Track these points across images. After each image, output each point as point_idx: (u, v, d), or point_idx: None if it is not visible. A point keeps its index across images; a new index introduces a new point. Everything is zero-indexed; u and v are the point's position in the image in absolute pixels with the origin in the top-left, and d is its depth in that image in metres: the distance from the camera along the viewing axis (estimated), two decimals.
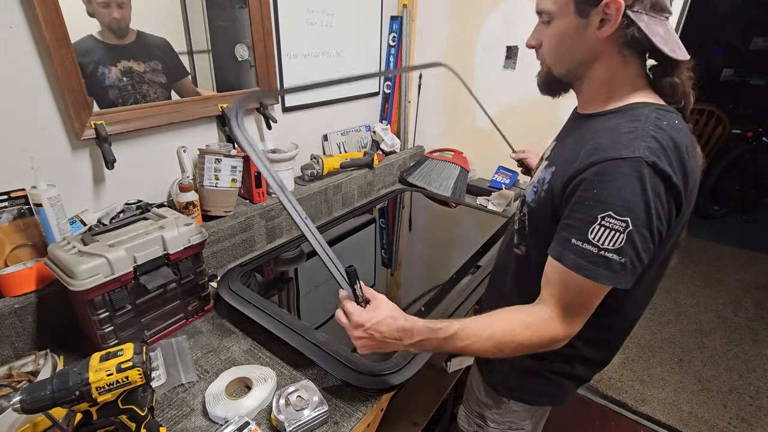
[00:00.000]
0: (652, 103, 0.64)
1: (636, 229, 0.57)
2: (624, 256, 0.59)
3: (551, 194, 0.67)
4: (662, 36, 0.61)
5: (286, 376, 0.87)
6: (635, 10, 0.60)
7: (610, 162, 0.58)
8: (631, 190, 0.57)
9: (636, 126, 0.60)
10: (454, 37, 1.82)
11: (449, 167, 1.84)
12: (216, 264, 1.20)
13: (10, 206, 0.89)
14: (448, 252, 1.51)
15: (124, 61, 1.01)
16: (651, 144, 0.58)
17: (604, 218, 0.58)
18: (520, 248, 0.80)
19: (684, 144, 0.60)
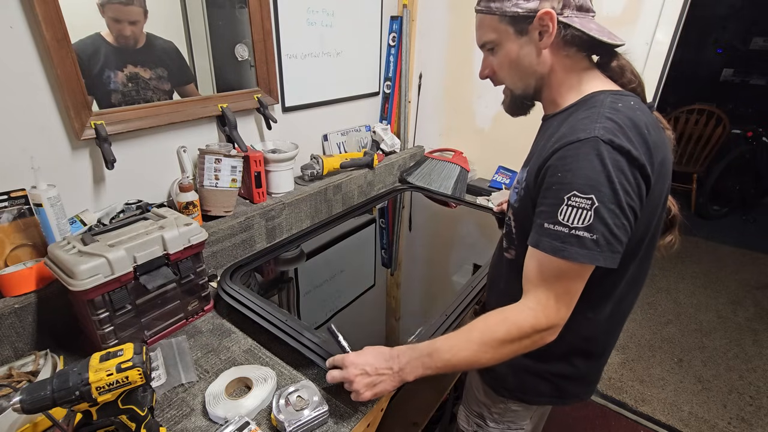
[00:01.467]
0: (607, 90, 0.68)
1: (603, 205, 0.59)
2: (595, 232, 0.59)
3: (528, 190, 0.70)
4: (597, 29, 0.66)
5: (286, 376, 0.87)
6: (566, 15, 0.66)
7: (569, 146, 0.61)
8: (591, 167, 0.59)
9: (592, 112, 0.64)
10: (454, 37, 1.82)
11: (449, 167, 1.84)
12: (216, 264, 1.20)
13: (10, 206, 0.89)
14: (448, 252, 1.51)
15: (131, 66, 1.01)
16: (606, 124, 0.60)
17: (570, 198, 0.60)
18: (510, 252, 0.81)
19: (642, 121, 0.62)
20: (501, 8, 0.68)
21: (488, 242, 1.49)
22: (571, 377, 0.83)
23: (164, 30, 1.13)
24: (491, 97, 1.81)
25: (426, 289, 1.32)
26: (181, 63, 1.10)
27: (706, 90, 4.10)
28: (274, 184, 1.39)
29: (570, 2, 0.66)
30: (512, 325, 0.66)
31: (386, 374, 0.71)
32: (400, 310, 1.18)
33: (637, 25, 1.41)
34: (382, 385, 0.72)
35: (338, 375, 0.73)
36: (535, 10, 0.66)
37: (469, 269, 1.30)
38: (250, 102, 1.34)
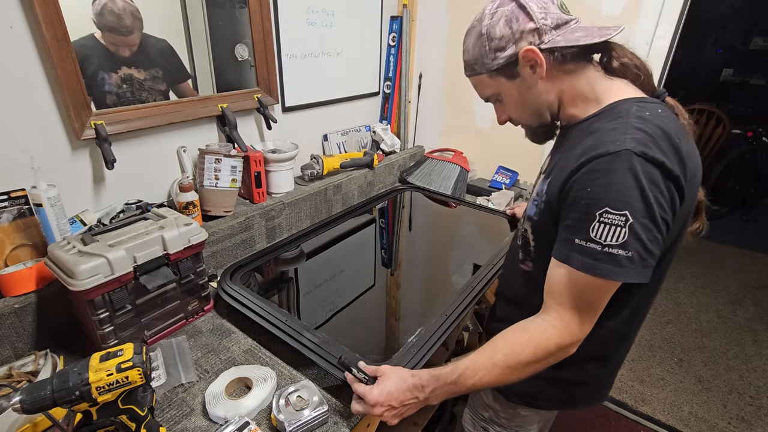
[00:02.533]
0: (630, 98, 0.66)
1: (637, 221, 0.57)
2: (629, 249, 0.58)
3: (549, 204, 0.69)
4: (584, 35, 0.66)
5: (286, 376, 0.87)
6: (546, 41, 0.66)
7: (598, 159, 0.60)
8: (623, 182, 0.57)
9: (619, 122, 0.62)
10: (455, 37, 1.82)
11: (449, 167, 1.84)
12: (216, 264, 1.20)
13: (10, 206, 0.89)
14: (448, 252, 1.51)
15: (125, 68, 1.01)
16: (636, 135, 0.59)
17: (602, 214, 0.58)
18: (527, 264, 0.80)
19: (672, 130, 0.61)
20: (484, 67, 0.71)
21: (488, 242, 1.49)
22: (583, 383, 0.82)
23: (164, 30, 1.13)
24: None
25: (426, 289, 1.32)
26: (175, 61, 1.10)
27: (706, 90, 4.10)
28: (274, 184, 1.39)
29: (544, 28, 0.66)
30: (538, 346, 0.65)
31: (411, 404, 0.70)
32: (400, 310, 1.18)
33: (637, 25, 1.41)
34: (408, 412, 0.72)
35: (363, 410, 0.71)
36: (515, 54, 0.67)
37: (469, 269, 1.30)
38: (250, 102, 1.34)
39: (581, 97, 0.70)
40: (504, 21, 0.67)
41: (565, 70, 0.69)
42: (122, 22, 1.00)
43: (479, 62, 0.72)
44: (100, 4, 0.96)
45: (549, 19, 0.66)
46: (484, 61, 0.71)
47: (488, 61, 0.70)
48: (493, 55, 0.69)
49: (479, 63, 0.72)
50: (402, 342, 0.91)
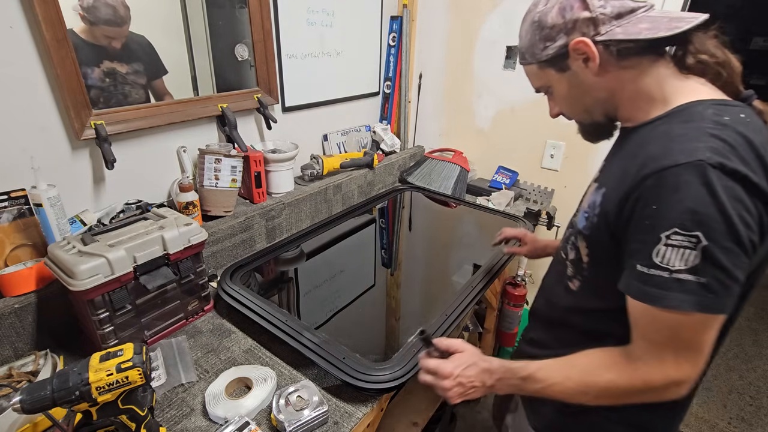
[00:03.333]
0: (705, 99, 0.57)
1: (715, 243, 0.49)
2: (704, 275, 0.50)
3: (605, 218, 0.61)
4: (649, 27, 0.57)
5: (286, 376, 0.87)
6: (603, 32, 0.59)
7: (665, 171, 0.52)
8: (697, 199, 0.49)
9: (690, 127, 0.54)
10: (454, 37, 1.82)
11: (449, 167, 1.84)
12: (216, 264, 1.20)
13: (10, 206, 0.89)
14: (448, 252, 1.51)
15: (107, 62, 1.01)
16: (713, 143, 0.51)
17: (670, 236, 0.51)
18: (574, 282, 0.72)
19: (758, 139, 0.52)
20: (534, 56, 0.66)
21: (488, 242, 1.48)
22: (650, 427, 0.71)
23: (164, 30, 1.13)
24: (491, 98, 1.81)
25: (426, 289, 1.32)
26: (154, 57, 1.10)
27: None
28: (274, 184, 1.39)
29: (602, 18, 0.59)
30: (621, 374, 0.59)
31: (478, 387, 0.69)
32: (400, 310, 1.18)
33: None
34: (473, 395, 0.71)
35: (431, 381, 0.71)
36: (566, 45, 0.61)
37: (469, 269, 1.30)
38: (250, 102, 1.34)
39: (645, 97, 0.62)
40: (558, 8, 0.61)
41: (623, 66, 0.61)
42: (118, 14, 1.01)
43: (529, 51, 0.67)
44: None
45: (609, 7, 0.59)
46: (534, 51, 0.66)
47: (538, 51, 0.65)
48: (543, 45, 0.64)
49: (529, 52, 0.67)
50: (402, 342, 0.91)
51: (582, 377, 0.62)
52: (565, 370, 0.63)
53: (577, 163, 1.65)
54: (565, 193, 1.73)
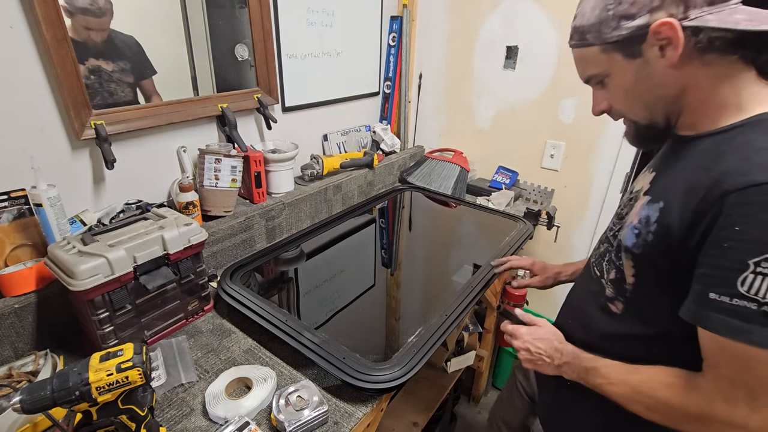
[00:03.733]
0: None
1: None
2: None
3: (665, 236, 0.55)
4: (747, 19, 0.49)
5: (286, 376, 0.87)
6: (693, 17, 0.51)
7: (754, 188, 0.46)
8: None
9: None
10: (454, 37, 1.82)
11: (449, 167, 1.84)
12: (216, 264, 1.20)
13: (10, 206, 0.89)
14: (448, 252, 1.51)
15: (93, 59, 1.01)
16: None
17: (759, 263, 0.45)
18: (616, 305, 0.66)
19: None
20: (600, 37, 0.57)
21: (488, 242, 1.49)
22: None
23: (164, 30, 1.13)
24: (491, 98, 1.81)
25: (426, 289, 1.32)
26: (142, 57, 1.10)
27: None
28: (274, 184, 1.39)
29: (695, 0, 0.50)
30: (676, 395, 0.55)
31: (546, 361, 0.73)
32: (400, 310, 1.18)
33: None
34: (542, 368, 0.74)
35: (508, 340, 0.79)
36: (646, 25, 0.52)
37: (469, 269, 1.30)
38: (250, 102, 1.34)
39: (717, 102, 0.55)
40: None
41: (704, 61, 0.53)
42: (95, 3, 0.99)
43: (595, 29, 0.57)
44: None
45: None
46: (601, 29, 0.56)
47: (607, 30, 0.55)
48: (617, 23, 0.54)
49: (594, 31, 0.57)
50: (402, 342, 0.91)
51: (639, 386, 0.60)
52: (626, 374, 0.62)
53: (577, 163, 1.65)
54: (565, 193, 1.73)
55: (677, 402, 0.55)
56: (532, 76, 1.63)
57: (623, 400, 0.61)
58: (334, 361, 0.82)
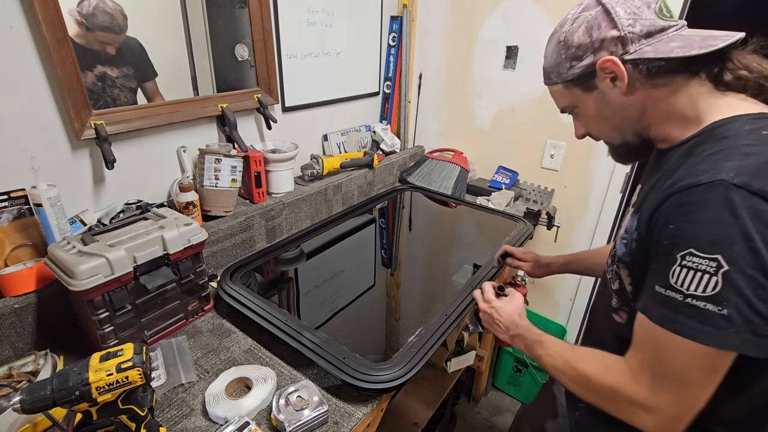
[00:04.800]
0: (742, 115, 0.55)
1: (737, 269, 0.46)
2: (726, 306, 0.47)
3: (641, 241, 0.59)
4: (681, 45, 0.56)
5: (286, 376, 0.87)
6: (632, 51, 0.58)
7: (687, 191, 0.50)
8: (717, 219, 0.47)
9: (722, 145, 0.52)
10: (454, 37, 1.82)
11: (449, 167, 1.84)
12: (216, 264, 1.20)
13: (10, 206, 0.89)
14: (448, 252, 1.51)
15: (100, 66, 1.02)
16: (741, 162, 0.48)
17: (685, 257, 0.49)
18: (620, 315, 0.68)
19: None
20: (560, 76, 0.66)
21: (488, 242, 1.49)
22: None
23: (164, 30, 1.13)
24: (491, 97, 1.81)
25: (426, 289, 1.32)
26: (145, 59, 1.11)
27: None
28: (274, 184, 1.39)
29: (631, 37, 0.58)
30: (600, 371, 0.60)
31: (501, 328, 0.82)
32: (400, 310, 1.18)
33: None
34: (497, 332, 0.84)
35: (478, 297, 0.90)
36: (593, 64, 0.61)
37: (469, 269, 1.30)
38: (250, 102, 1.34)
39: (678, 116, 0.60)
40: (584, 27, 0.61)
41: (655, 84, 0.59)
42: (115, 22, 1.02)
43: (555, 71, 0.67)
44: (92, 5, 0.97)
45: (638, 26, 0.58)
46: (559, 71, 0.66)
47: (564, 70, 0.65)
48: (569, 65, 0.64)
49: (555, 72, 0.67)
50: (402, 342, 0.91)
51: (569, 360, 0.66)
52: (563, 350, 0.69)
53: (577, 163, 1.65)
54: (565, 193, 1.73)
55: (594, 376, 0.61)
56: (532, 76, 1.63)
57: (554, 371, 0.68)
58: (334, 361, 0.82)
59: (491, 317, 0.84)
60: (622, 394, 0.57)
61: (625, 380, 0.57)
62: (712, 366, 0.51)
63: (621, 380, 0.58)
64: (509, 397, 2.04)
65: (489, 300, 0.87)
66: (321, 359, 0.83)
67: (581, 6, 0.64)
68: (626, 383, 0.57)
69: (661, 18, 0.58)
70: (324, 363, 0.82)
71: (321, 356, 0.84)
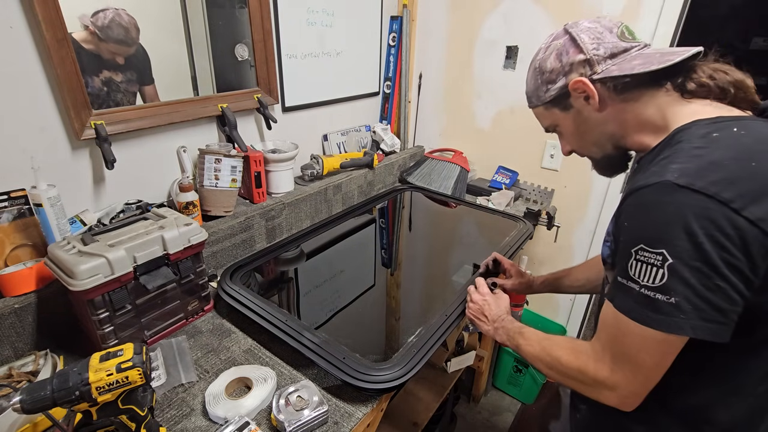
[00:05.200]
0: (702, 119, 0.58)
1: (681, 261, 0.50)
2: (673, 294, 0.51)
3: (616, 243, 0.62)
4: (642, 63, 0.62)
5: (286, 376, 0.87)
6: (599, 71, 0.64)
7: (639, 192, 0.55)
8: (660, 218, 0.52)
9: (676, 149, 0.57)
10: (454, 37, 1.82)
11: (449, 167, 1.84)
12: (216, 264, 1.20)
13: (10, 206, 0.89)
14: (448, 252, 1.51)
15: (106, 71, 1.03)
16: (687, 164, 0.52)
17: (638, 252, 0.54)
18: None
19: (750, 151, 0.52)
20: (539, 99, 0.73)
21: (488, 242, 1.49)
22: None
23: (164, 30, 1.13)
24: (491, 97, 1.81)
25: (426, 289, 1.32)
26: (147, 64, 1.12)
27: None
28: (274, 184, 1.39)
29: (596, 59, 0.64)
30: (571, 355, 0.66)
31: (484, 321, 0.90)
32: (400, 310, 1.18)
33: (637, 25, 1.41)
34: (481, 324, 0.91)
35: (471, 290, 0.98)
36: (566, 85, 0.67)
37: (469, 269, 1.30)
38: (250, 102, 1.34)
39: (649, 126, 0.65)
40: (555, 54, 0.68)
41: (625, 99, 0.65)
42: (129, 35, 1.04)
43: (534, 95, 0.74)
44: (107, 18, 0.98)
45: (602, 49, 0.64)
46: (538, 94, 0.73)
47: (542, 93, 0.72)
48: (546, 88, 0.71)
49: (534, 96, 0.74)
50: (402, 342, 0.91)
51: (546, 347, 0.72)
52: (541, 339, 0.75)
53: (577, 164, 1.65)
54: (565, 193, 1.73)
55: (565, 360, 0.67)
56: None
57: (533, 359, 0.75)
58: (334, 361, 0.82)
59: (481, 309, 0.92)
60: (588, 374, 0.63)
61: (590, 362, 0.63)
62: (662, 350, 0.56)
63: (586, 362, 0.64)
64: (509, 397, 2.04)
65: (483, 294, 0.95)
66: (321, 359, 0.83)
67: (552, 36, 0.71)
68: (591, 364, 0.63)
69: (623, 40, 0.65)
70: (324, 363, 0.82)
71: (321, 356, 0.83)
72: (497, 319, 0.87)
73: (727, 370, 0.60)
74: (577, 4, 1.49)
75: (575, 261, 1.78)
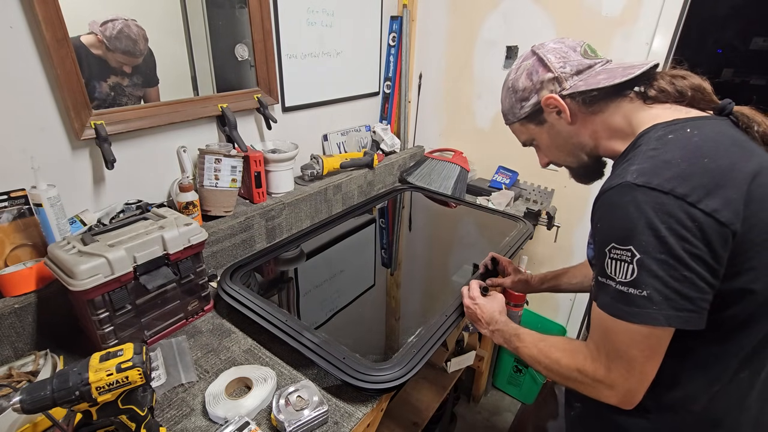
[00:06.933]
0: (661, 122, 0.62)
1: (648, 256, 0.53)
2: (644, 287, 0.54)
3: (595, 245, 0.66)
4: (606, 77, 0.67)
5: (286, 376, 0.87)
6: (567, 87, 0.69)
7: (604, 194, 0.60)
8: (623, 216, 0.56)
9: (635, 153, 0.61)
10: (454, 37, 1.82)
11: (449, 167, 1.84)
12: (216, 264, 1.20)
13: (10, 206, 0.89)
14: (448, 252, 1.51)
15: (114, 77, 1.03)
16: (644, 165, 0.56)
17: (611, 250, 0.57)
18: None
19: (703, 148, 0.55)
20: (514, 116, 0.78)
21: (488, 242, 1.49)
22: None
23: (164, 30, 1.13)
24: (491, 97, 1.81)
25: (426, 289, 1.32)
26: (152, 68, 1.12)
27: None
28: (274, 184, 1.39)
29: (564, 76, 0.69)
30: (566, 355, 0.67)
31: (482, 323, 0.89)
32: (400, 310, 1.18)
33: (636, 25, 1.41)
34: (478, 326, 0.91)
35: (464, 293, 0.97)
36: (538, 102, 0.72)
37: (469, 269, 1.30)
38: (250, 102, 1.34)
39: (619, 133, 0.69)
40: (526, 74, 0.73)
41: (594, 111, 0.70)
42: (137, 47, 1.05)
43: (510, 112, 0.79)
44: (116, 28, 0.98)
45: (568, 67, 0.69)
46: (513, 111, 0.77)
47: (517, 110, 0.77)
48: (520, 105, 0.75)
49: (510, 113, 0.79)
50: (402, 342, 0.91)
51: (543, 349, 0.72)
52: (538, 340, 0.75)
53: None
54: (565, 193, 1.73)
55: (564, 362, 0.67)
56: None
57: (531, 361, 0.75)
58: (334, 361, 0.82)
59: (474, 313, 0.92)
60: (587, 374, 0.64)
61: (587, 362, 0.64)
62: (650, 343, 0.57)
63: (584, 362, 0.64)
64: (509, 397, 2.04)
65: (474, 297, 0.94)
66: (321, 359, 0.83)
67: (521, 58, 0.76)
68: (588, 365, 0.64)
69: (586, 57, 0.70)
70: (324, 363, 0.82)
71: (321, 356, 0.83)
72: (492, 322, 0.88)
73: (707, 359, 0.62)
74: (577, 4, 1.49)
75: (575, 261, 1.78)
